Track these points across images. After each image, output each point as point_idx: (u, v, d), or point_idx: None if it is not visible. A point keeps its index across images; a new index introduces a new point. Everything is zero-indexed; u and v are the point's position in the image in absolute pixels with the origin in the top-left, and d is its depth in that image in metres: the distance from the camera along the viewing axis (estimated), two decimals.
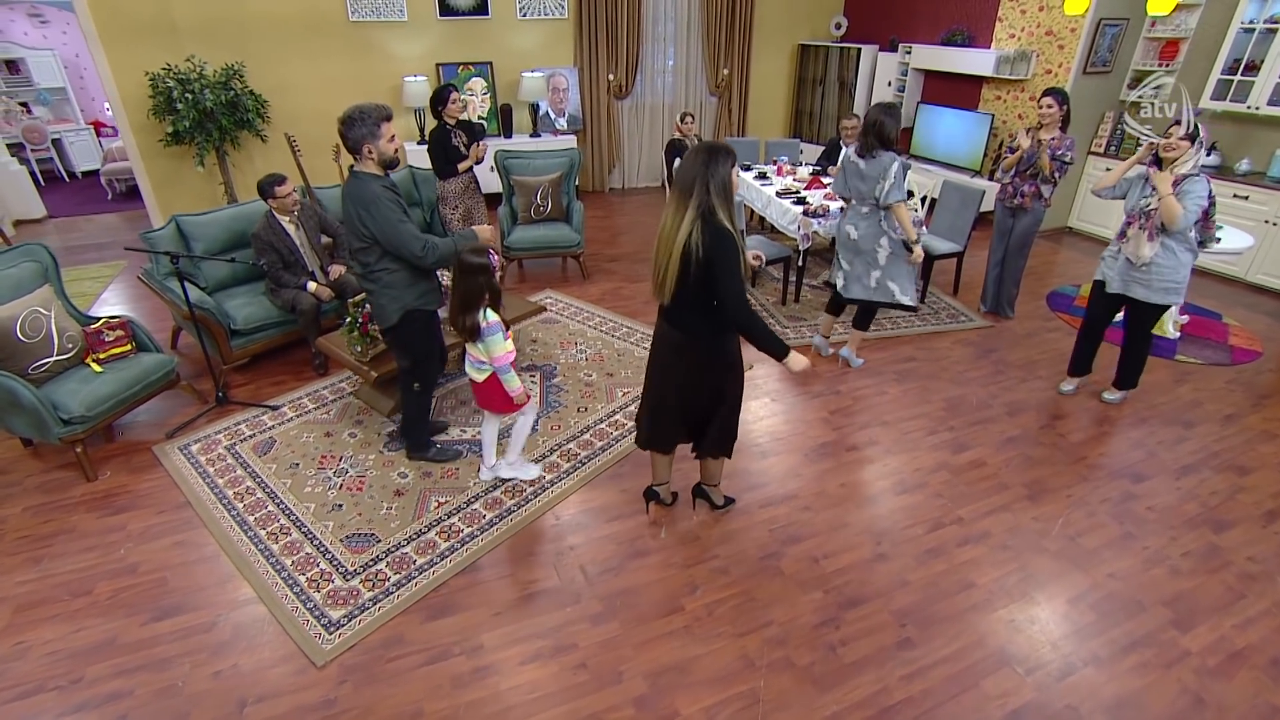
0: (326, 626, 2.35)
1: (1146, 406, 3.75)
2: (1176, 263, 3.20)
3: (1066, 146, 4.09)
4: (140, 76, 5.47)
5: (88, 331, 3.20)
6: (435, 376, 3.13)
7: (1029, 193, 4.29)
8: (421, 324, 2.87)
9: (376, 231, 2.57)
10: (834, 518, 2.88)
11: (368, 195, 2.52)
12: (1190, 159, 3.08)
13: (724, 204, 2.14)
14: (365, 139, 2.50)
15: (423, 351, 2.95)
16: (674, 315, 2.35)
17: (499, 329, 2.64)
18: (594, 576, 2.58)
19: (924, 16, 7.05)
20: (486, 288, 2.59)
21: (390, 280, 2.71)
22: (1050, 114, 4.08)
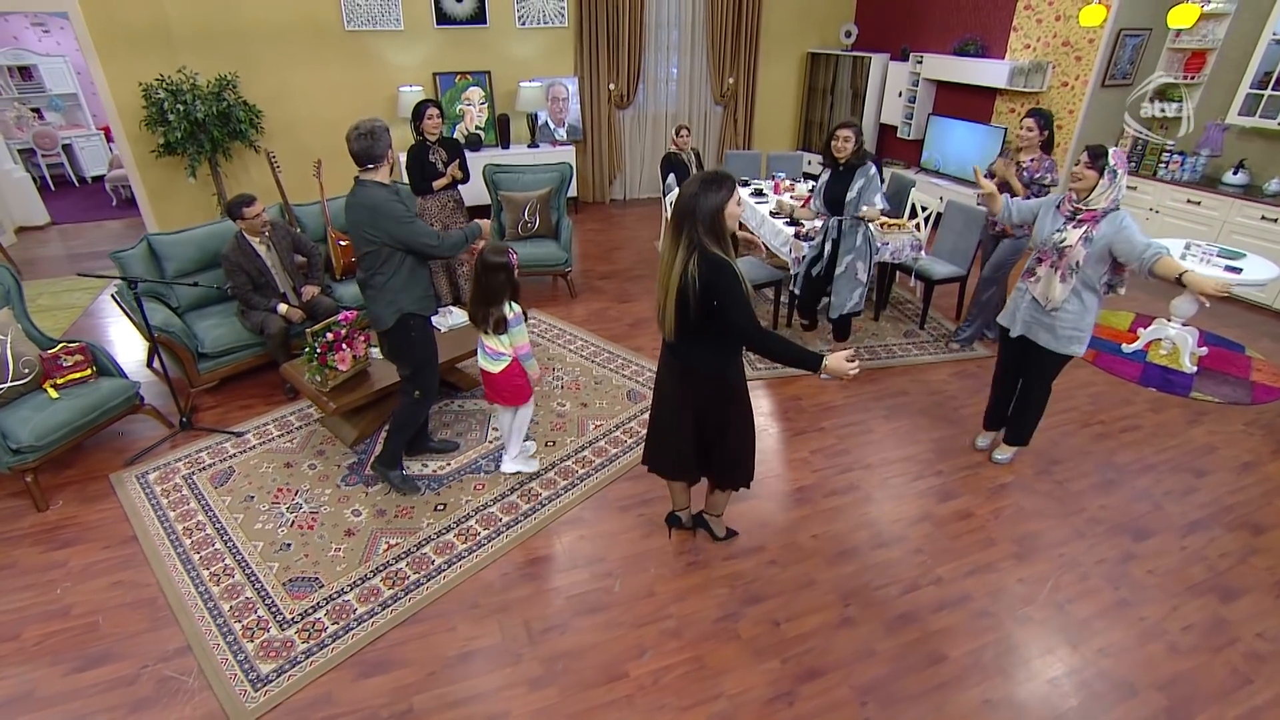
0: (254, 682, 2.25)
1: (1154, 451, 3.51)
2: (1082, 308, 2.81)
3: (1046, 169, 3.82)
4: (135, 87, 5.46)
5: (44, 356, 3.14)
6: (435, 384, 3.06)
7: None
8: (419, 328, 2.85)
9: (387, 233, 2.60)
10: (802, 574, 2.70)
11: (376, 199, 2.58)
12: (1106, 192, 2.61)
13: (714, 237, 2.06)
14: (388, 149, 2.63)
15: (422, 357, 2.92)
16: (678, 349, 2.30)
17: (522, 319, 2.89)
18: (538, 634, 2.44)
19: (936, 25, 6.79)
20: (509, 283, 2.79)
21: (388, 284, 2.71)
22: (1030, 137, 3.82)
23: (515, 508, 3.03)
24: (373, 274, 2.69)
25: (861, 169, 3.66)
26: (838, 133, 3.66)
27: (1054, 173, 3.82)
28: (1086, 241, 2.67)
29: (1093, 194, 2.63)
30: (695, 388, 2.34)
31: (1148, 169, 5.72)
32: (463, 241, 2.83)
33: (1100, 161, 2.60)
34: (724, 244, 2.08)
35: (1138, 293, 5.24)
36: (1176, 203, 5.46)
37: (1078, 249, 2.69)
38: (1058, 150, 5.86)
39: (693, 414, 2.38)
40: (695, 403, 2.36)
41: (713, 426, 2.40)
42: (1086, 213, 2.66)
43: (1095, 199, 2.64)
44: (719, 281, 2.05)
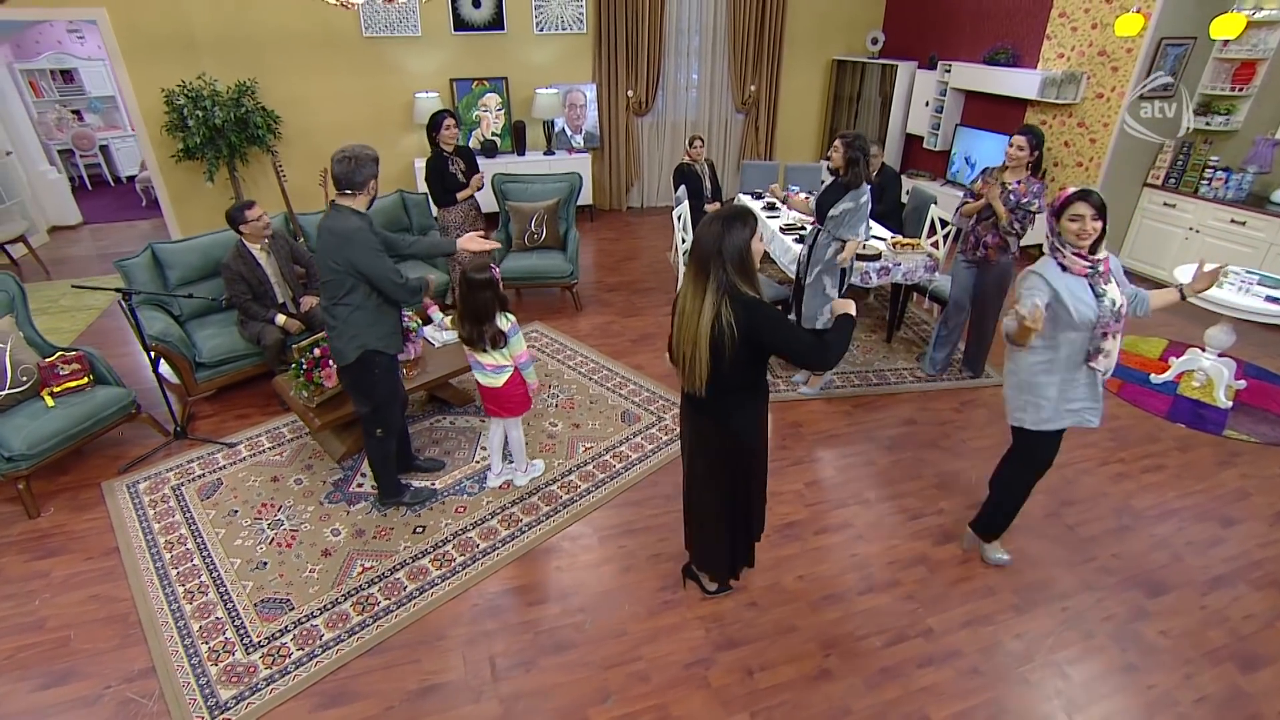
0: (212, 709, 2.22)
1: (1178, 495, 3.28)
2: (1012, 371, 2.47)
3: (1033, 194, 3.51)
4: (158, 92, 5.58)
5: (42, 365, 3.19)
6: (398, 421, 3.01)
7: (992, 244, 3.70)
8: (382, 367, 2.77)
9: (352, 263, 2.51)
10: (782, 619, 2.57)
11: (347, 227, 2.50)
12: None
13: (744, 277, 1.98)
14: (372, 177, 2.57)
15: (382, 396, 2.83)
16: (703, 404, 2.16)
17: (518, 329, 2.89)
18: (502, 671, 2.36)
19: (966, 33, 6.53)
20: (496, 298, 2.79)
21: (352, 318, 2.63)
22: (1020, 156, 3.49)
23: (494, 533, 2.97)
24: (335, 304, 2.60)
25: (855, 191, 3.46)
26: (835, 141, 3.51)
27: (1041, 198, 3.50)
28: (1125, 290, 2.37)
29: (1101, 244, 2.28)
30: (723, 441, 2.23)
31: (1189, 185, 5.40)
32: (419, 290, 2.72)
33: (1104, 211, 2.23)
34: (754, 282, 2.00)
35: (1172, 318, 4.94)
36: (1219, 222, 5.14)
37: (1122, 303, 2.33)
38: (1077, 170, 5.58)
39: (728, 474, 2.29)
40: (730, 461, 2.26)
41: (743, 482, 2.32)
42: (1106, 263, 2.29)
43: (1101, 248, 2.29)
44: (761, 323, 1.97)
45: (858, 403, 3.99)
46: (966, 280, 3.90)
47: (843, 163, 3.43)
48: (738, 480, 2.31)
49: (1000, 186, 3.55)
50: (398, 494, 3.09)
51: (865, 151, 3.42)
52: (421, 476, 3.29)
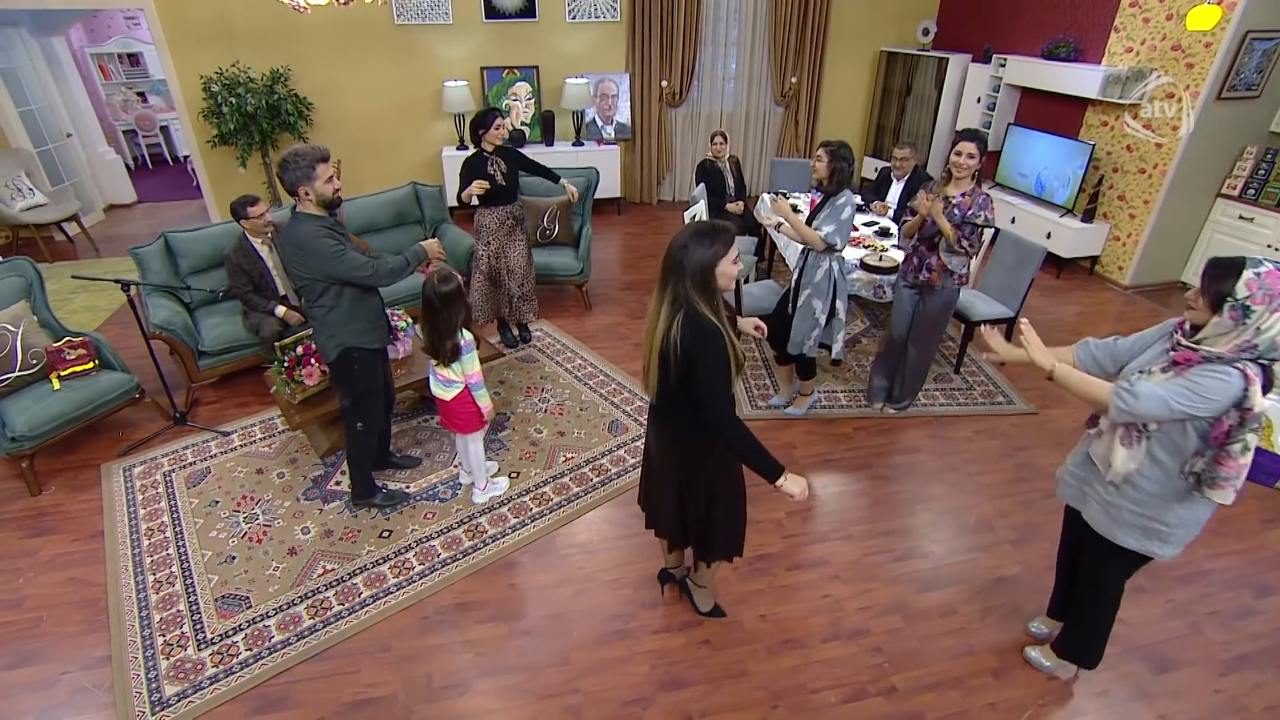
0: (155, 704, 2.28)
1: (1210, 554, 2.94)
2: (1164, 489, 1.87)
3: (979, 205, 3.09)
4: (197, 80, 5.76)
5: (50, 349, 3.34)
6: (378, 416, 3.01)
7: (936, 267, 3.26)
8: (362, 363, 2.78)
9: (316, 270, 2.53)
10: (734, 661, 2.44)
11: (301, 236, 2.49)
12: (1230, 335, 1.68)
13: (704, 296, 1.84)
14: (300, 182, 2.46)
15: (362, 389, 2.85)
16: (661, 411, 2.10)
17: (473, 346, 2.81)
18: (435, 691, 2.33)
19: (1027, 23, 6.01)
20: (464, 309, 2.76)
21: (327, 319, 2.66)
22: (969, 165, 3.09)
23: (458, 543, 2.94)
24: (311, 306, 2.63)
25: (833, 199, 3.20)
26: (819, 149, 3.24)
27: (988, 210, 3.11)
28: None
29: (1206, 333, 1.73)
30: (680, 453, 2.12)
31: (1270, 198, 4.83)
32: (403, 266, 2.69)
33: (1214, 288, 1.67)
34: (714, 305, 1.86)
35: None
36: None
37: None
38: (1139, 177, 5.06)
39: (675, 480, 2.17)
40: (679, 470, 2.15)
41: (701, 497, 2.16)
42: (1183, 351, 1.76)
43: (1210, 341, 1.72)
44: (701, 349, 1.84)
45: (861, 425, 3.76)
46: (906, 306, 3.50)
47: (826, 173, 3.18)
48: (690, 497, 2.17)
49: (945, 201, 3.13)
50: (370, 494, 3.10)
51: (850, 161, 3.16)
52: (397, 475, 3.29)
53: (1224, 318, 1.66)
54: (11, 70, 5.92)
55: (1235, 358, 1.67)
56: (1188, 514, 1.89)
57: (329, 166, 2.49)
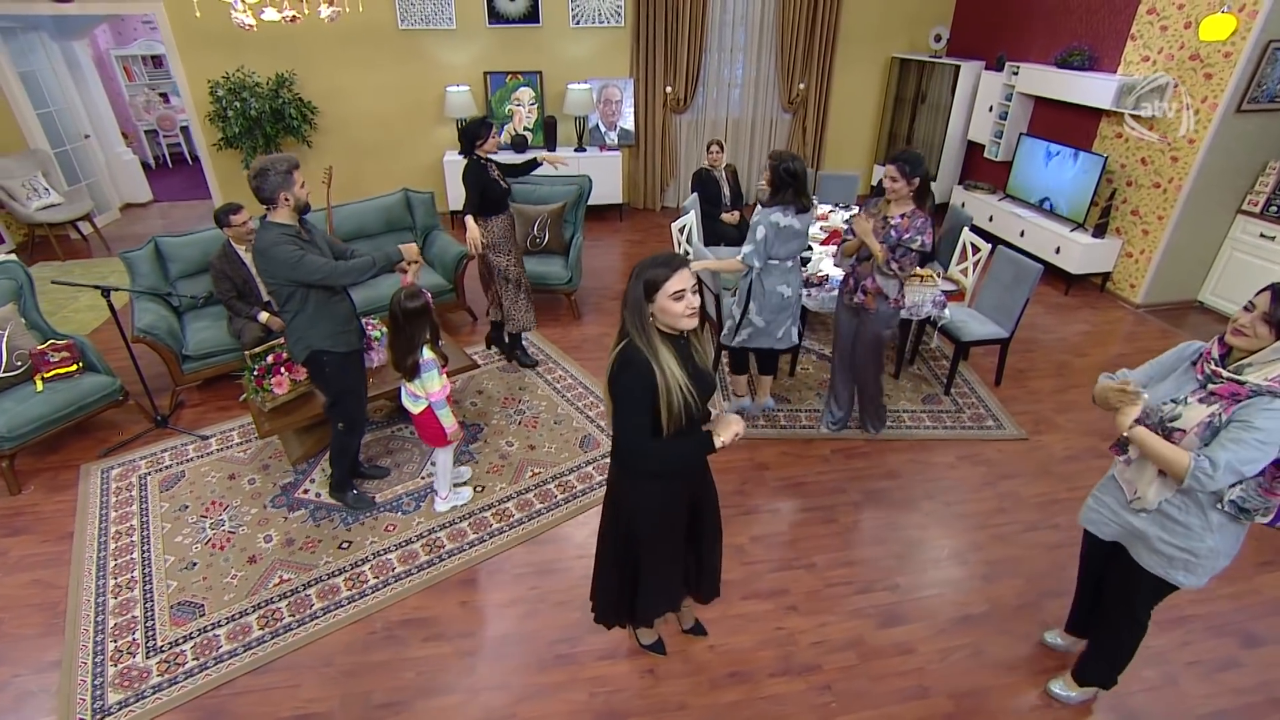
0: (96, 711, 2.30)
1: (1196, 598, 2.78)
2: (1201, 522, 1.84)
3: (917, 228, 2.96)
4: (205, 83, 5.88)
5: (34, 352, 3.42)
6: (359, 415, 3.06)
7: (870, 289, 3.16)
8: (332, 365, 2.83)
9: (278, 275, 2.60)
10: (675, 693, 2.38)
11: (265, 245, 2.57)
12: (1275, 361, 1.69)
13: (636, 327, 1.78)
14: (280, 188, 2.53)
15: (337, 389, 2.92)
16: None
17: (434, 365, 2.79)
18: (371, 710, 2.31)
19: (1041, 30, 5.81)
20: (428, 327, 2.76)
21: (295, 323, 2.74)
22: (895, 188, 2.96)
23: (414, 557, 2.93)
24: (281, 311, 2.72)
25: (763, 211, 3.14)
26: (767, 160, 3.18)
27: (927, 234, 2.97)
28: (1208, 431, 1.74)
29: (1254, 359, 1.71)
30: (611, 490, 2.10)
31: None
32: (368, 266, 2.70)
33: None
34: (646, 337, 1.77)
35: None
36: None
37: (1191, 438, 1.76)
38: (1154, 192, 4.84)
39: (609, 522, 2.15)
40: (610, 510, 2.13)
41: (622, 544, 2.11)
42: (1228, 384, 1.72)
43: (1257, 368, 1.69)
44: (615, 378, 1.80)
45: (841, 446, 3.66)
46: (846, 328, 3.40)
47: (769, 185, 3.11)
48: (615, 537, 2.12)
49: (883, 220, 3.03)
50: (344, 489, 3.17)
51: (793, 172, 3.03)
52: (364, 485, 3.30)
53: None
54: (31, 73, 6.10)
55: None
56: (1221, 543, 1.88)
57: (301, 174, 2.58)
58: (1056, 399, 4.10)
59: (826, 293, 3.78)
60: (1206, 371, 1.78)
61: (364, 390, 3.08)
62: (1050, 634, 2.57)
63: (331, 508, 3.19)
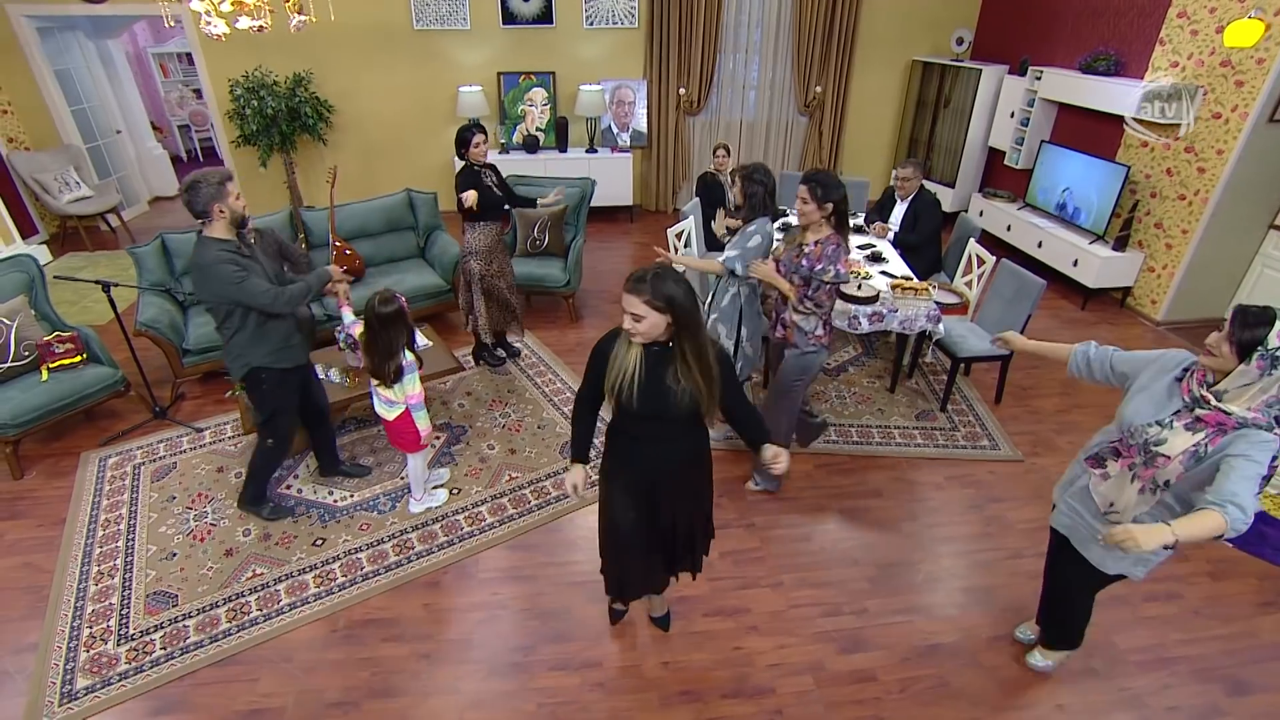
0: (64, 696, 2.39)
1: (1184, 638, 2.65)
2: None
3: (828, 258, 2.69)
4: (225, 82, 6.04)
5: (39, 343, 3.56)
6: (289, 434, 3.06)
7: (789, 322, 2.92)
8: (272, 382, 2.83)
9: (217, 294, 2.59)
10: (623, 709, 2.36)
11: (203, 262, 2.54)
12: (1251, 389, 1.66)
13: None
14: (213, 199, 2.50)
15: (272, 408, 2.91)
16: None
17: (415, 367, 2.83)
18: (323, 708, 2.35)
19: (1067, 34, 5.59)
20: (406, 330, 2.77)
21: (234, 340, 2.73)
22: (805, 211, 2.72)
23: (384, 557, 2.97)
24: (219, 329, 2.70)
25: (745, 227, 3.01)
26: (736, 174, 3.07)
27: (839, 264, 2.70)
28: (1193, 460, 1.74)
29: (1228, 382, 1.70)
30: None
31: None
32: (305, 292, 2.71)
33: (1246, 335, 1.62)
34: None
35: None
36: None
37: (1175, 465, 1.76)
38: (1178, 204, 4.60)
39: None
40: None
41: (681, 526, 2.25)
42: (1214, 413, 1.71)
43: (1233, 395, 1.69)
44: None
45: (826, 461, 3.58)
46: (774, 358, 3.20)
47: (741, 198, 3.01)
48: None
49: (799, 249, 2.81)
50: (258, 504, 3.15)
51: (764, 185, 2.93)
52: (345, 484, 3.35)
53: (1250, 367, 1.64)
54: (67, 71, 6.36)
55: (1270, 423, 1.66)
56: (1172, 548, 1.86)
57: (235, 185, 2.55)
58: (1059, 419, 3.94)
59: None
60: (1195, 395, 1.75)
61: (297, 408, 3.02)
62: (1021, 628, 2.64)
63: (311, 504, 3.25)
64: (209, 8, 3.57)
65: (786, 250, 2.88)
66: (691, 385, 1.85)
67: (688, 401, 1.87)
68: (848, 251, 2.76)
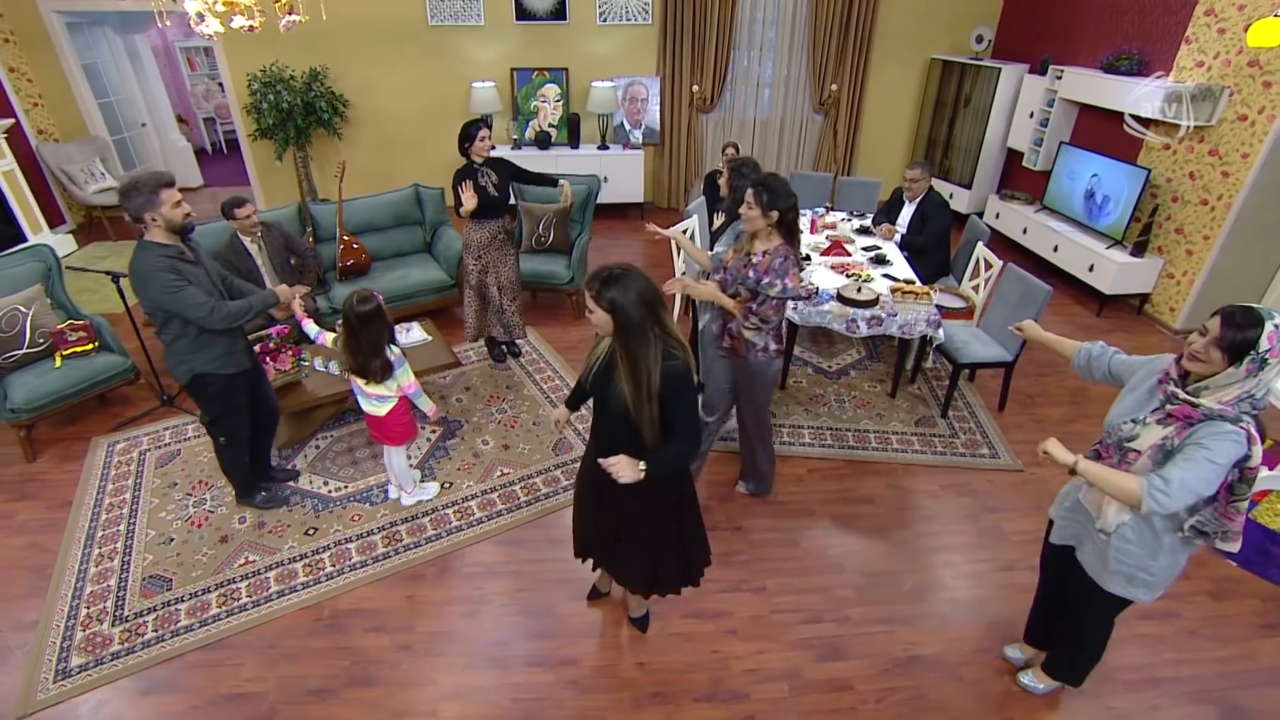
0: (59, 673, 2.47)
1: (1178, 658, 2.58)
2: (1153, 544, 1.87)
3: (775, 271, 2.55)
4: (244, 77, 6.16)
5: (54, 330, 3.68)
6: (241, 430, 3.03)
7: (735, 333, 2.78)
8: (217, 388, 2.81)
9: (154, 301, 2.54)
10: (593, 709, 2.37)
11: (142, 269, 2.49)
12: (1232, 386, 1.64)
13: None
14: (144, 208, 2.43)
15: (219, 411, 2.91)
16: None
17: (403, 360, 2.88)
18: (303, 695, 2.40)
19: (1088, 32, 5.43)
20: (386, 328, 2.80)
21: (174, 346, 2.68)
22: (751, 218, 2.58)
23: (372, 548, 3.01)
24: (160, 332, 2.65)
25: (735, 223, 2.93)
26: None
27: (787, 277, 2.56)
28: (1160, 453, 1.74)
29: (1209, 383, 1.68)
30: None
31: None
32: (244, 312, 2.64)
33: (1238, 337, 1.59)
34: None
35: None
36: None
37: (1144, 460, 1.76)
38: (1200, 209, 4.44)
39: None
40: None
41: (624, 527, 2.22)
42: (1183, 406, 1.70)
43: (1213, 391, 1.67)
44: None
45: (819, 466, 3.55)
46: (721, 374, 2.99)
47: (727, 191, 2.96)
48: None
49: (746, 258, 2.67)
50: (249, 495, 3.21)
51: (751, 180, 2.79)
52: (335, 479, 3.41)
53: (1240, 369, 1.61)
54: (94, 65, 6.54)
55: (1237, 415, 1.64)
56: (1172, 563, 1.93)
57: (174, 192, 2.47)
58: (1064, 429, 3.85)
59: (814, 307, 3.65)
60: (1167, 392, 1.77)
61: (246, 406, 2.99)
62: (1010, 648, 2.56)
63: (306, 493, 3.31)
64: (203, 8, 3.62)
65: (734, 259, 2.74)
66: (625, 387, 1.88)
67: (622, 401, 1.89)
68: (797, 264, 2.62)
